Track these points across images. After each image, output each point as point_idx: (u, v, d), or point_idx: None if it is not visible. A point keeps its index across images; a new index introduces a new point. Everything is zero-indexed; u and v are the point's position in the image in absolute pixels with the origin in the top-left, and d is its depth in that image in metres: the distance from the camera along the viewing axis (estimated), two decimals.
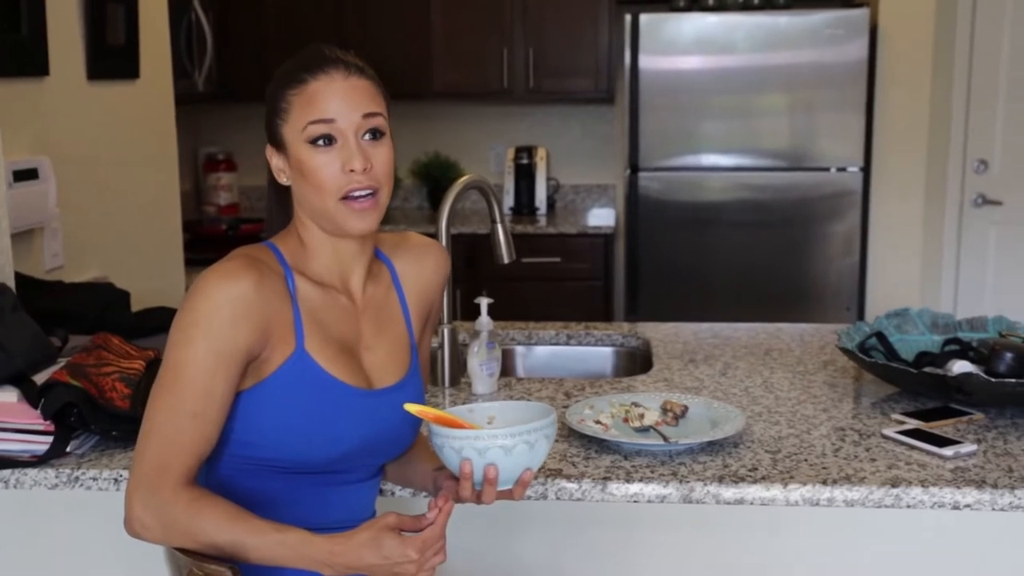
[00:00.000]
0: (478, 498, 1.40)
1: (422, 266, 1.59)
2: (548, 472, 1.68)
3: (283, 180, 1.46)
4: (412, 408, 1.40)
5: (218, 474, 1.43)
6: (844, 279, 4.42)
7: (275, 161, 1.46)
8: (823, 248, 4.41)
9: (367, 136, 1.42)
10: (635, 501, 1.65)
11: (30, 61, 2.54)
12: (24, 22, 2.52)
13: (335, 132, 1.40)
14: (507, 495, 1.41)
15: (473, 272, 4.47)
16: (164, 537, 1.35)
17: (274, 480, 1.42)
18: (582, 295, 4.56)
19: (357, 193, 1.40)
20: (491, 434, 1.35)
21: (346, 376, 1.43)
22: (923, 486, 1.61)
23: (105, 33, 2.88)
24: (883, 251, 4.60)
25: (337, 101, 1.40)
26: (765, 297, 4.41)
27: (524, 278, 4.56)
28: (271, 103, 1.44)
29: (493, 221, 2.27)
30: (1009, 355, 2.00)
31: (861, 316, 4.45)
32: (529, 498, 1.66)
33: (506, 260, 2.29)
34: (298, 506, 1.43)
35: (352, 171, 1.39)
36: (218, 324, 1.33)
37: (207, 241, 4.32)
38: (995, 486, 1.61)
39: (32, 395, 1.82)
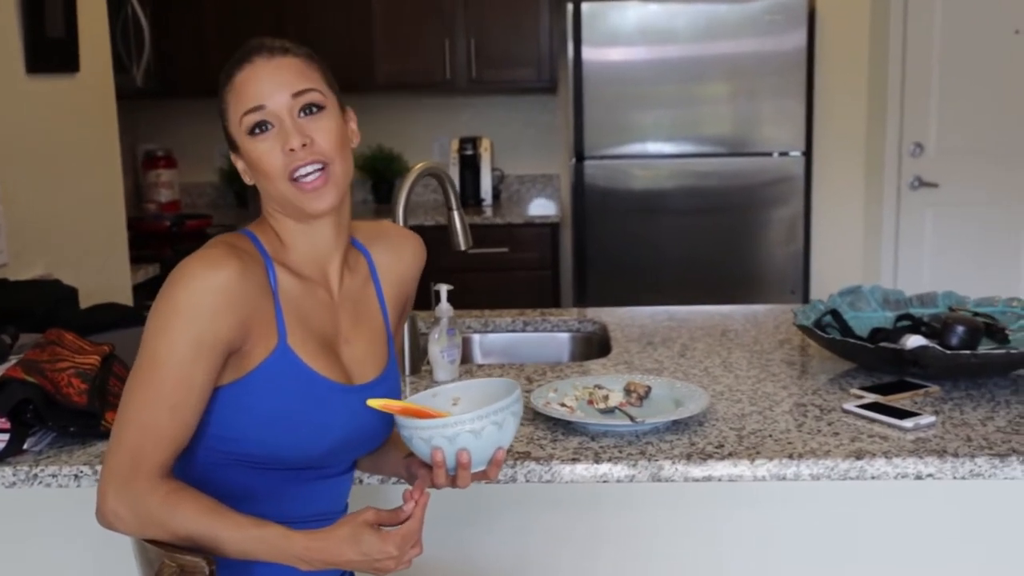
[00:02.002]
0: (453, 483, 1.39)
1: (400, 257, 1.57)
2: (516, 456, 1.68)
3: (248, 180, 1.43)
4: (375, 403, 1.37)
5: (195, 467, 1.40)
6: (788, 262, 4.48)
7: (238, 164, 1.44)
8: (767, 232, 4.48)
9: (303, 113, 1.38)
10: (604, 481, 1.66)
11: None
12: None
13: (268, 117, 1.37)
14: (482, 476, 1.40)
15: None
16: (138, 529, 1.32)
17: (252, 475, 1.39)
18: (530, 284, 4.57)
19: (302, 171, 1.37)
20: (458, 420, 1.33)
21: (328, 372, 1.41)
22: (886, 457, 1.64)
23: (44, 25, 2.82)
24: (825, 234, 4.68)
25: (262, 86, 1.37)
26: (712, 282, 4.46)
27: (472, 269, 4.54)
28: (218, 108, 1.42)
29: (449, 208, 2.26)
30: (961, 328, 2.04)
31: (806, 299, 4.52)
32: (499, 481, 1.66)
33: (463, 247, 2.28)
34: (276, 500, 1.41)
35: (292, 150, 1.36)
36: (199, 314, 1.30)
37: (150, 238, 4.24)
38: (955, 455, 1.65)
39: None
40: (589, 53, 4.33)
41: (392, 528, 1.32)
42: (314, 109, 1.38)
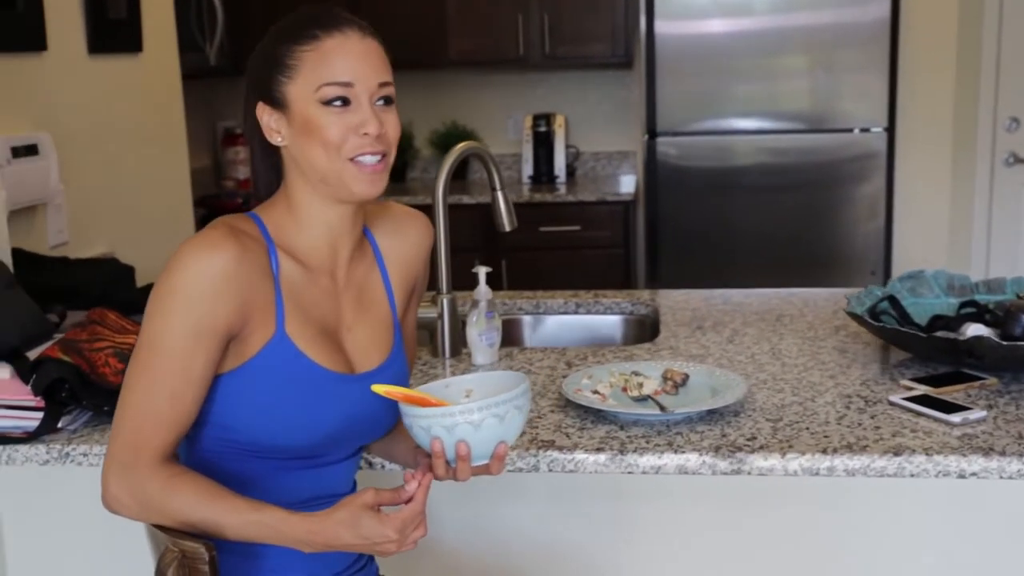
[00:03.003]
0: (454, 475, 1.36)
1: (405, 238, 1.53)
2: (540, 444, 1.64)
3: (276, 140, 1.37)
4: (379, 389, 1.34)
5: (198, 455, 1.40)
6: (869, 243, 4.34)
7: (268, 119, 1.37)
8: (847, 211, 4.33)
9: (380, 102, 1.37)
10: (629, 472, 1.61)
11: (27, 36, 2.52)
12: None
13: (351, 96, 1.34)
14: (484, 470, 1.36)
15: (492, 242, 4.43)
16: (140, 514, 1.33)
17: (254, 463, 1.38)
18: (602, 263, 4.51)
19: (368, 158, 1.35)
20: (459, 410, 1.30)
21: (327, 361, 1.38)
22: (927, 454, 1.56)
23: (106, 7, 2.86)
24: (909, 213, 4.51)
25: (355, 63, 1.34)
26: (788, 262, 4.34)
27: (543, 247, 4.52)
28: (273, 58, 1.36)
29: (493, 189, 2.22)
30: None
31: (886, 281, 4.36)
32: (520, 470, 1.63)
33: (507, 228, 2.24)
34: (278, 487, 1.39)
35: (366, 134, 1.34)
36: (197, 298, 1.28)
37: (222, 216, 4.30)
38: (1003, 453, 1.55)
39: (25, 371, 1.81)
40: (662, 27, 4.23)
41: (393, 510, 1.29)
42: (390, 101, 1.38)
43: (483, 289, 2.11)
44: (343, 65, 1.33)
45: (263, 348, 1.34)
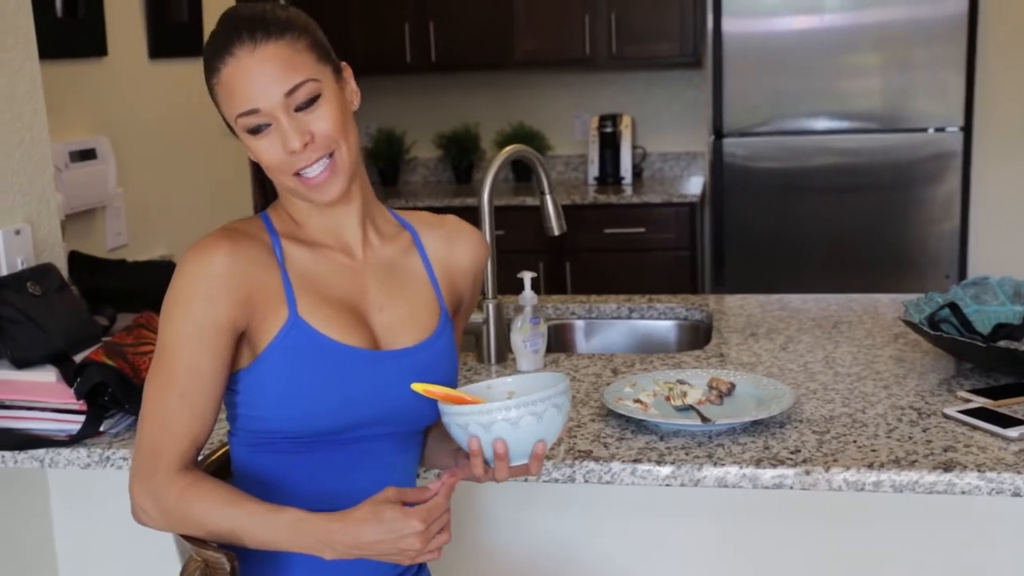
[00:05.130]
0: (492, 475, 1.34)
1: (451, 246, 1.50)
2: (577, 454, 1.61)
3: (254, 158, 1.38)
4: (419, 387, 1.34)
5: (236, 458, 1.40)
6: (943, 247, 4.20)
7: (242, 143, 1.38)
8: (921, 214, 4.20)
9: (300, 108, 1.31)
10: (667, 485, 1.56)
11: (87, 43, 2.56)
12: (81, 5, 2.54)
13: (264, 119, 1.31)
14: (523, 470, 1.34)
15: (556, 244, 4.40)
16: (165, 524, 1.32)
17: (301, 456, 1.36)
18: (667, 266, 4.45)
19: (307, 171, 1.33)
20: (496, 407, 1.28)
21: (347, 337, 1.36)
22: (979, 471, 1.49)
23: (167, 11, 2.89)
24: (986, 216, 4.35)
25: (252, 87, 1.29)
26: (859, 266, 4.23)
27: (608, 249, 4.48)
28: (208, 89, 1.35)
29: (542, 192, 2.19)
30: None
31: None
32: (556, 481, 1.59)
33: (556, 232, 2.20)
34: (331, 482, 1.36)
35: (293, 152, 1.31)
36: (194, 301, 1.29)
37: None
38: None
39: (70, 375, 1.83)
40: (729, 25, 4.15)
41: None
42: (311, 102, 1.32)
43: (528, 294, 2.08)
44: (243, 94, 1.30)
45: (277, 335, 1.33)
